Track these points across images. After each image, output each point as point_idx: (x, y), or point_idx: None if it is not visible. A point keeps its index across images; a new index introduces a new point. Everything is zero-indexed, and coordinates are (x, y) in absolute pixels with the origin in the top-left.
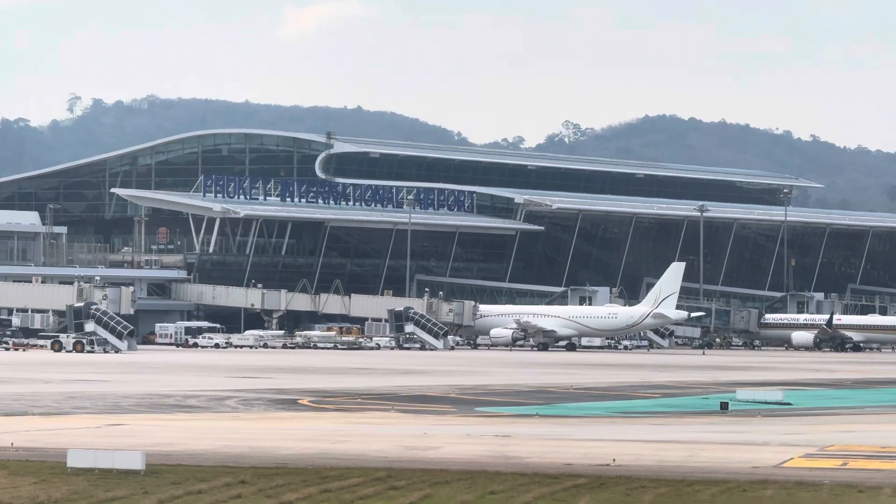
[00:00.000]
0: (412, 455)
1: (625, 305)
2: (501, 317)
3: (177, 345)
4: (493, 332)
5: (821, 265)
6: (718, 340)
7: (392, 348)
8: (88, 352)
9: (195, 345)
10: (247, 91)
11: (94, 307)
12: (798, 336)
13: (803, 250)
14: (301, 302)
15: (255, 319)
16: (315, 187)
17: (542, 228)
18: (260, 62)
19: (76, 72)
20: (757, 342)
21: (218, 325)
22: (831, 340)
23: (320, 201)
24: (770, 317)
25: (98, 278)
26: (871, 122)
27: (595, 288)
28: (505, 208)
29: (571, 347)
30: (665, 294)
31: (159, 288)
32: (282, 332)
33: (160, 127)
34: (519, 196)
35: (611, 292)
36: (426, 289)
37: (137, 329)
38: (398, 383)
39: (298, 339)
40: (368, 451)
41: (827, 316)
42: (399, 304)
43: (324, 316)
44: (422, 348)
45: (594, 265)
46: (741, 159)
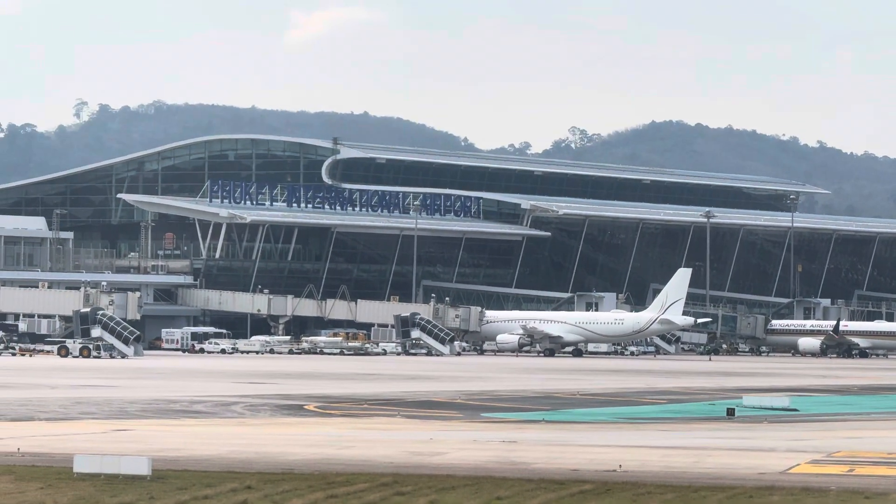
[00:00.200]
0: (418, 461)
1: (631, 311)
2: (508, 322)
3: (183, 350)
4: (500, 338)
5: (827, 271)
6: (725, 346)
7: (398, 354)
8: (95, 357)
9: (201, 350)
10: (253, 96)
11: (101, 312)
12: (804, 342)
13: (810, 256)
14: (307, 307)
15: (262, 325)
16: (321, 193)
17: (549, 234)
18: (267, 68)
19: (83, 77)
20: (763, 348)
21: (224, 331)
22: (838, 346)
23: (327, 207)
24: (776, 323)
25: (104, 283)
26: (878, 129)
27: (601, 294)
28: (511, 214)
29: (578, 353)
30: (671, 300)
31: (166, 293)
32: (288, 338)
33: (167, 132)
34: (525, 202)
35: (617, 298)
36: (432, 294)
37: (144, 334)
38: (404, 389)
39: (305, 345)
40: (374, 457)
41: (833, 322)
42: (405, 310)
43: (330, 321)
44: (428, 354)
45: (601, 271)
46: (748, 165)
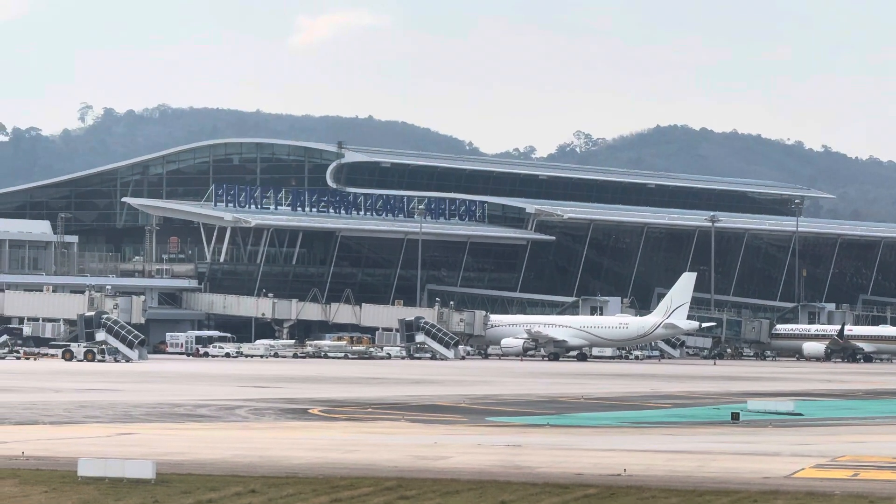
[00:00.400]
0: (422, 465)
1: (636, 315)
2: (512, 327)
3: (187, 354)
4: (504, 342)
5: (832, 276)
6: (729, 351)
7: (403, 358)
8: (99, 361)
9: (206, 354)
10: (258, 100)
11: (105, 316)
12: (809, 347)
13: (815, 261)
14: (312, 311)
15: (266, 329)
16: (326, 197)
17: (554, 238)
18: (271, 72)
19: (88, 81)
20: (768, 353)
21: (228, 335)
22: (842, 351)
23: (331, 211)
24: (781, 327)
25: (109, 287)
26: (883, 133)
27: (606, 298)
28: (516, 218)
29: (582, 357)
30: (676, 304)
31: (170, 297)
32: (292, 342)
33: (171, 136)
34: (530, 206)
35: (622, 302)
36: (437, 298)
37: (148, 338)
38: (409, 393)
39: (309, 349)
40: (379, 461)
41: (838, 326)
42: (410, 314)
43: (334, 325)
44: (432, 358)
45: (605, 275)
46: (753, 170)
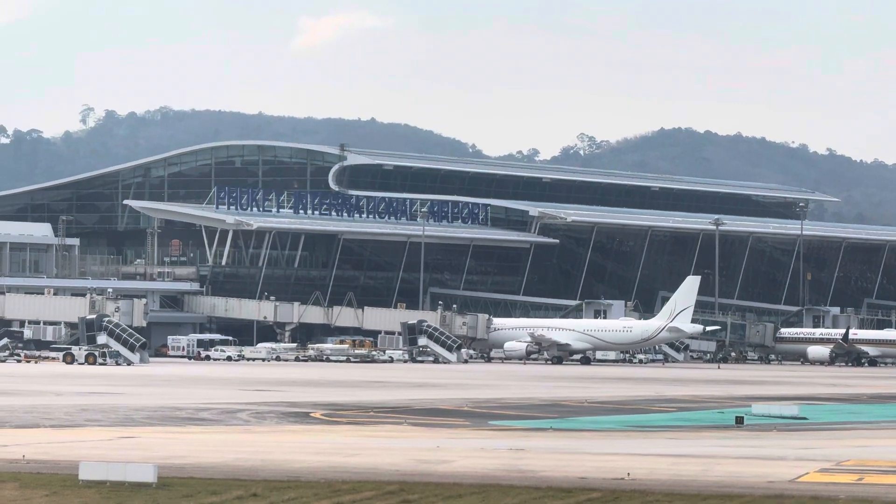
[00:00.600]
0: (425, 469)
1: (640, 319)
2: (515, 330)
3: (189, 357)
4: (507, 346)
5: (837, 279)
6: (734, 354)
7: (405, 361)
8: (101, 364)
9: (207, 357)
10: (260, 102)
11: (107, 319)
12: (814, 350)
13: (819, 264)
14: (314, 315)
15: (268, 332)
16: (328, 199)
17: (557, 241)
18: (274, 73)
19: (89, 83)
20: (772, 356)
21: (230, 338)
22: (847, 355)
23: (333, 213)
24: (786, 331)
25: (110, 290)
26: (888, 136)
27: (610, 301)
28: (519, 221)
29: (586, 361)
30: (680, 308)
31: (172, 300)
32: (294, 345)
33: (173, 138)
34: (533, 209)
35: (626, 306)
36: (440, 302)
37: (150, 341)
38: (411, 396)
39: (311, 352)
40: (381, 465)
41: (843, 330)
42: (412, 317)
43: (336, 329)
44: (435, 361)
45: (609, 278)
46: (757, 173)
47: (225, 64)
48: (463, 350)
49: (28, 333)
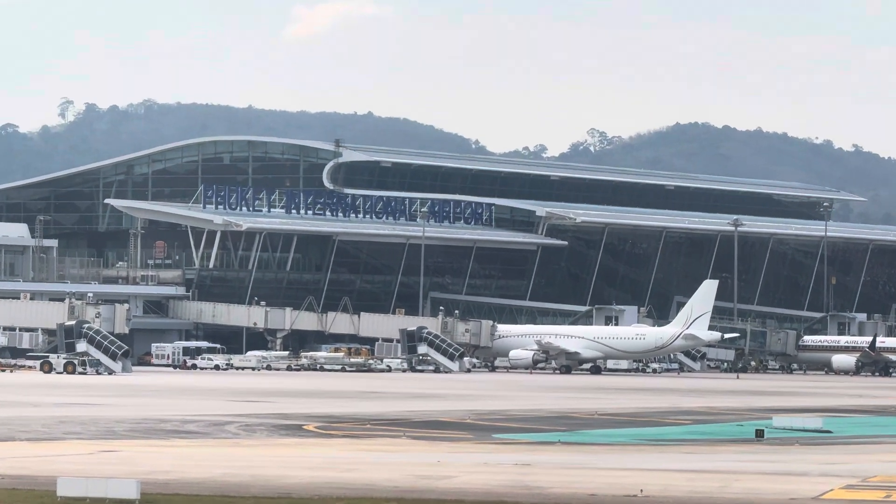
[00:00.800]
0: (425, 485)
1: (653, 326)
2: (521, 337)
3: (174, 366)
4: (513, 354)
5: (863, 284)
6: (753, 363)
7: (404, 371)
8: (80, 373)
9: (194, 366)
10: (250, 95)
11: (87, 326)
12: (839, 359)
13: (844, 268)
14: (307, 321)
15: (258, 339)
16: (322, 198)
17: (566, 243)
18: (265, 65)
19: (69, 75)
20: (795, 366)
21: (218, 346)
22: (874, 364)
23: (328, 213)
24: (809, 339)
25: (91, 295)
26: None
27: (622, 307)
28: (526, 222)
29: (596, 370)
30: (697, 314)
31: (156, 305)
32: (286, 354)
33: (158, 133)
34: (541, 209)
35: (639, 312)
36: (441, 307)
37: (132, 349)
38: (410, 408)
39: (304, 361)
40: (378, 481)
41: (869, 338)
42: (412, 324)
43: (331, 336)
44: (436, 371)
45: (621, 283)
46: (778, 170)
47: (213, 54)
48: (465, 359)
49: (3, 340)
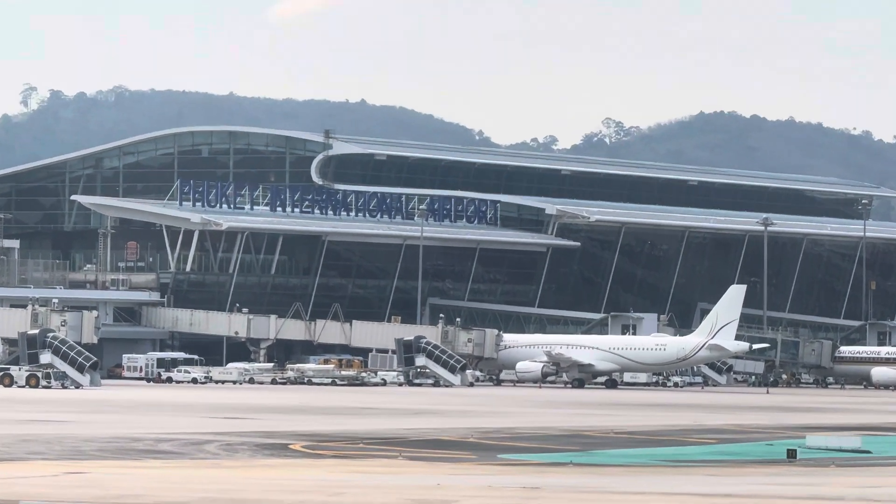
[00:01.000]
0: None
1: (675, 335)
2: (529, 348)
3: (148, 379)
4: (520, 367)
5: None
6: (785, 377)
7: (400, 384)
8: (44, 387)
9: (169, 379)
10: (231, 82)
11: (52, 335)
12: (879, 372)
13: (885, 271)
14: (293, 330)
15: (240, 350)
16: (311, 195)
17: (578, 244)
18: (247, 48)
19: (32, 58)
20: (830, 379)
21: (196, 357)
22: None
23: (317, 211)
24: (846, 349)
25: (56, 301)
26: None
27: (640, 314)
28: (534, 220)
29: (612, 384)
30: (722, 322)
31: (128, 313)
32: (271, 366)
33: (129, 123)
34: (551, 206)
35: (658, 320)
36: (441, 315)
37: (102, 361)
38: (407, 425)
39: (290, 374)
40: None
41: None
42: (409, 333)
43: (320, 346)
44: (435, 384)
45: (639, 288)
46: (812, 164)
47: (190, 37)
48: (468, 371)
49: None
